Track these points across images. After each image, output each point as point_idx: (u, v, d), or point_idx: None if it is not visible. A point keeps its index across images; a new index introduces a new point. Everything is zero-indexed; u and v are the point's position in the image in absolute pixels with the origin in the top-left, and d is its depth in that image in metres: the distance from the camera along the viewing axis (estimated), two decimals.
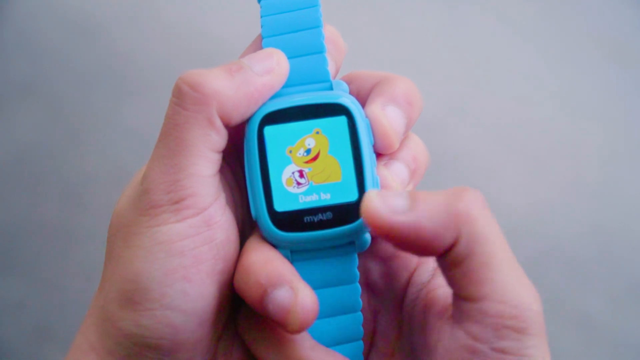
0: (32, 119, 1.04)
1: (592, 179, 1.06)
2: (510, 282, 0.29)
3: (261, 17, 0.34)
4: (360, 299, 0.33)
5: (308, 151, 0.32)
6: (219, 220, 0.31)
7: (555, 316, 0.96)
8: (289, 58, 0.33)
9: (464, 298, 0.29)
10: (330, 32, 0.34)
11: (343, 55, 0.35)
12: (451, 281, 0.30)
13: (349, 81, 0.35)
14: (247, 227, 0.34)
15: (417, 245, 0.29)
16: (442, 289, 0.32)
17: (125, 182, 0.34)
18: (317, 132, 0.32)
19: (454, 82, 1.11)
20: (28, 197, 0.99)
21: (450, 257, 0.29)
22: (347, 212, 0.32)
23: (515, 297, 0.28)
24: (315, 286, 0.32)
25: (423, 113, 0.35)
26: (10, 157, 1.02)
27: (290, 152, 0.32)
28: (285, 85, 0.33)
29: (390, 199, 0.29)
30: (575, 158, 1.08)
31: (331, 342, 0.33)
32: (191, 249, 0.30)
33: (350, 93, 0.34)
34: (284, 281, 0.30)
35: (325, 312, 0.33)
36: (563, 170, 1.06)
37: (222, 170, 0.33)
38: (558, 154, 1.08)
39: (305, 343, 0.31)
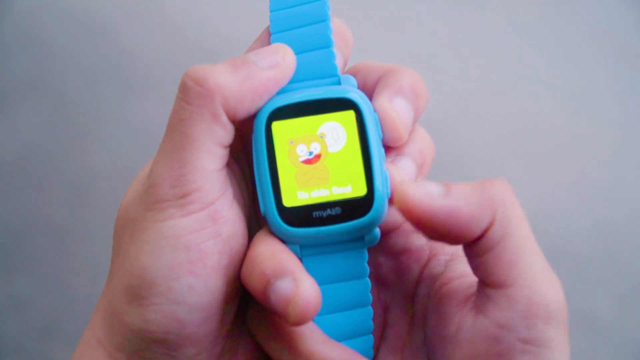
0: (38, 117, 1.05)
1: (596, 178, 1.06)
2: (540, 270, 0.29)
3: (270, 12, 0.34)
4: (370, 294, 0.33)
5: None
6: (225, 215, 0.31)
7: None
8: (297, 53, 0.33)
9: (491, 284, 0.29)
10: (337, 26, 0.34)
11: (350, 48, 0.35)
12: (480, 267, 0.30)
13: (354, 72, 0.35)
14: (255, 223, 0.34)
15: (454, 230, 0.29)
16: (458, 281, 0.32)
17: (131, 180, 0.34)
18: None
19: (458, 82, 1.11)
20: (34, 195, 0.99)
21: (484, 242, 0.29)
22: (357, 207, 0.31)
23: (544, 286, 0.28)
24: (325, 281, 0.32)
25: (428, 112, 0.35)
26: (16, 155, 1.02)
27: None
28: (293, 81, 0.33)
29: (424, 185, 0.29)
30: (580, 157, 1.07)
31: (341, 337, 0.33)
32: (197, 243, 0.30)
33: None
34: (288, 272, 0.29)
35: (336, 306, 0.33)
36: (568, 169, 1.06)
37: (230, 166, 0.33)
38: (563, 153, 1.07)
39: (315, 337, 0.31)
